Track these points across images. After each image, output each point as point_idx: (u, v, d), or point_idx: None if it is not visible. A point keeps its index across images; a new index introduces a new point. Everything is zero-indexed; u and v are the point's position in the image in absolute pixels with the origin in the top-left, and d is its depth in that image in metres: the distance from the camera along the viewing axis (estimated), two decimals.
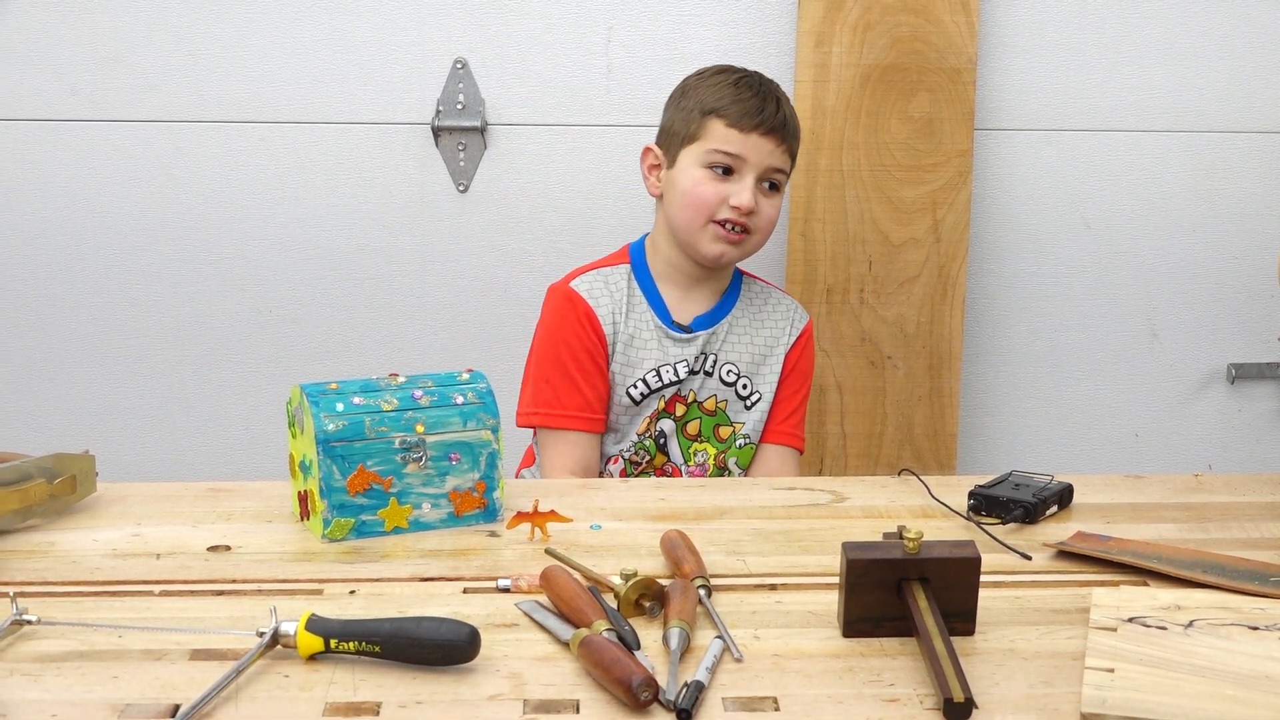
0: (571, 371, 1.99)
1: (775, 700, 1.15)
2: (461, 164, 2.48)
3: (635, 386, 2.00)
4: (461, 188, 2.49)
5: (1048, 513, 1.62)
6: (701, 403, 2.04)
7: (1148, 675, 1.16)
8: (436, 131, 2.46)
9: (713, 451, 2.05)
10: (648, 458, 2.03)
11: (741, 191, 1.96)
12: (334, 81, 2.45)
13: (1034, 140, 2.53)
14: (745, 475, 2.07)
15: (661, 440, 2.04)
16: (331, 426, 1.50)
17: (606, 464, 2.04)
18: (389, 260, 2.52)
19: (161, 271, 2.51)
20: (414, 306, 2.55)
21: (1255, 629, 1.25)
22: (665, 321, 2.03)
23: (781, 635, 1.28)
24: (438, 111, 2.45)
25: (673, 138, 2.03)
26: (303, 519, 1.57)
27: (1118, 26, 2.49)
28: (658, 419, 2.03)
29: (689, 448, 2.04)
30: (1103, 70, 2.51)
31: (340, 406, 1.52)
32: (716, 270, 2.05)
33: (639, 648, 1.23)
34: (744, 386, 2.05)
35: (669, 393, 2.02)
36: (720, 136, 1.97)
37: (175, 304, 2.53)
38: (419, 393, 1.56)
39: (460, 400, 1.57)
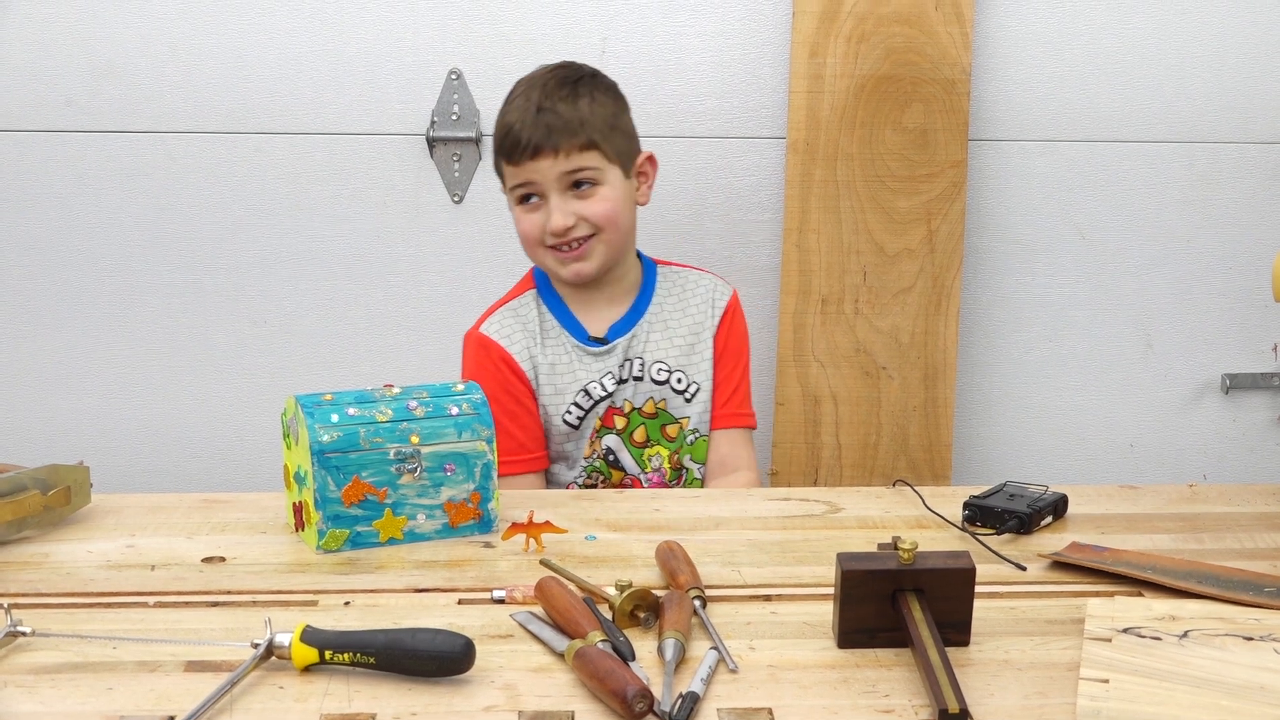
0: (499, 418, 1.97)
1: (770, 711, 1.15)
2: (456, 175, 2.48)
3: (569, 412, 2.00)
4: (456, 199, 2.49)
5: (1042, 523, 1.62)
6: (640, 408, 2.04)
7: (1142, 686, 1.16)
8: (431, 142, 2.46)
9: (666, 453, 2.04)
10: (602, 477, 2.03)
11: (551, 215, 1.96)
12: (329, 92, 2.45)
13: (1028, 151, 2.54)
14: (702, 469, 2.07)
15: (611, 457, 2.03)
16: (326, 438, 1.50)
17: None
18: (384, 271, 2.52)
19: (156, 282, 2.51)
20: (409, 317, 2.55)
21: (1250, 640, 1.25)
22: (581, 338, 2.03)
23: (776, 646, 1.28)
24: (432, 122, 2.46)
25: (499, 179, 2.06)
26: (297, 530, 1.57)
27: (1111, 37, 2.50)
28: (599, 436, 2.03)
29: (641, 455, 2.04)
30: (1096, 81, 2.51)
31: (335, 418, 1.52)
32: (610, 276, 2.04)
33: (634, 659, 1.23)
34: (679, 381, 2.05)
35: (602, 408, 2.02)
36: (509, 173, 1.98)
37: (169, 315, 2.53)
38: (414, 404, 1.56)
39: (455, 411, 1.57)
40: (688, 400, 2.05)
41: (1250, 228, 2.59)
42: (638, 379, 2.03)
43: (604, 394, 2.01)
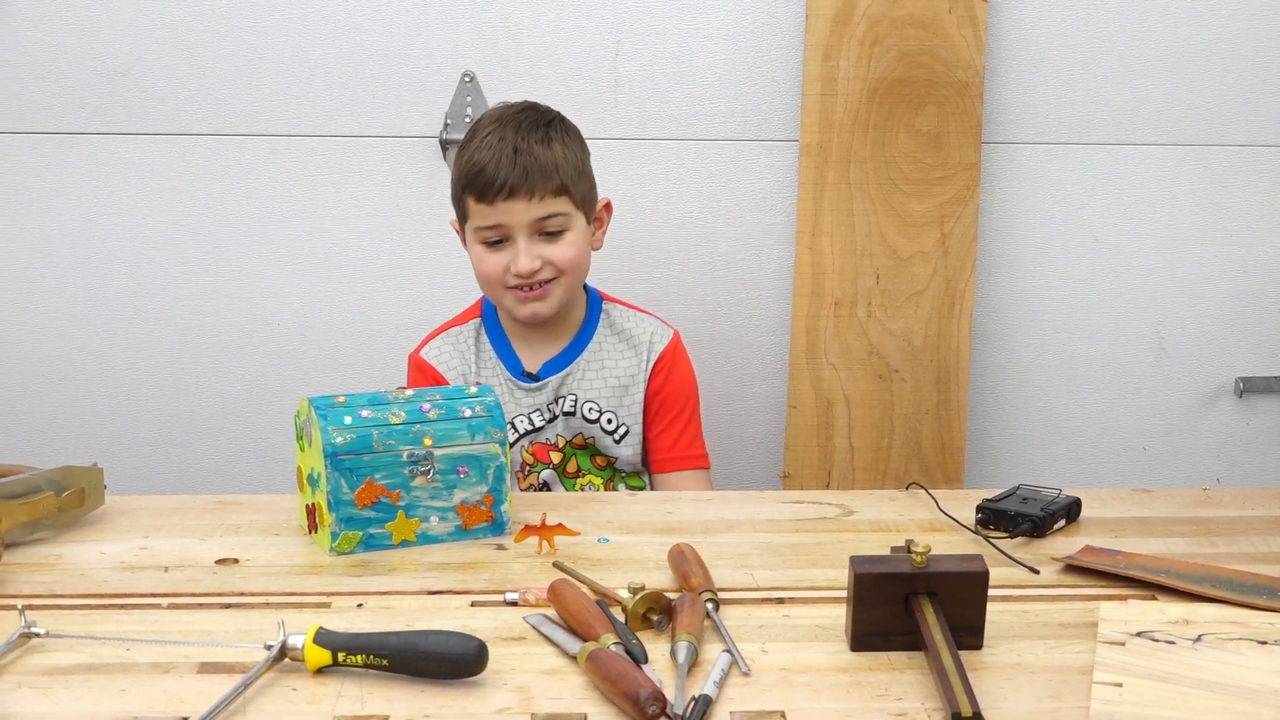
0: None
1: (783, 714, 1.15)
2: None
3: None
4: None
5: (1055, 527, 1.62)
6: (571, 441, 2.05)
7: (1156, 690, 1.15)
8: (444, 145, 2.46)
9: (599, 482, 2.05)
10: None
11: (517, 257, 1.95)
12: (342, 95, 2.45)
13: (1041, 154, 2.53)
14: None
15: (546, 490, 2.04)
16: (339, 440, 1.50)
17: None
18: (397, 273, 2.53)
19: (169, 284, 2.52)
20: (422, 320, 2.54)
21: (1264, 644, 1.25)
22: (515, 372, 2.04)
23: (789, 649, 1.28)
24: (445, 125, 2.46)
25: (457, 214, 2.04)
26: (310, 532, 1.57)
27: (1125, 40, 2.49)
28: (534, 471, 2.03)
29: (574, 486, 2.05)
30: (1110, 83, 2.51)
31: (348, 420, 1.52)
32: (557, 315, 2.03)
33: (647, 661, 1.23)
34: (609, 422, 2.05)
35: (527, 442, 2.03)
36: (478, 213, 1.96)
37: (183, 317, 2.53)
38: (427, 406, 1.56)
39: (468, 414, 1.57)
40: (616, 441, 2.05)
41: (1264, 231, 2.58)
42: (569, 414, 2.04)
43: (531, 428, 2.02)
